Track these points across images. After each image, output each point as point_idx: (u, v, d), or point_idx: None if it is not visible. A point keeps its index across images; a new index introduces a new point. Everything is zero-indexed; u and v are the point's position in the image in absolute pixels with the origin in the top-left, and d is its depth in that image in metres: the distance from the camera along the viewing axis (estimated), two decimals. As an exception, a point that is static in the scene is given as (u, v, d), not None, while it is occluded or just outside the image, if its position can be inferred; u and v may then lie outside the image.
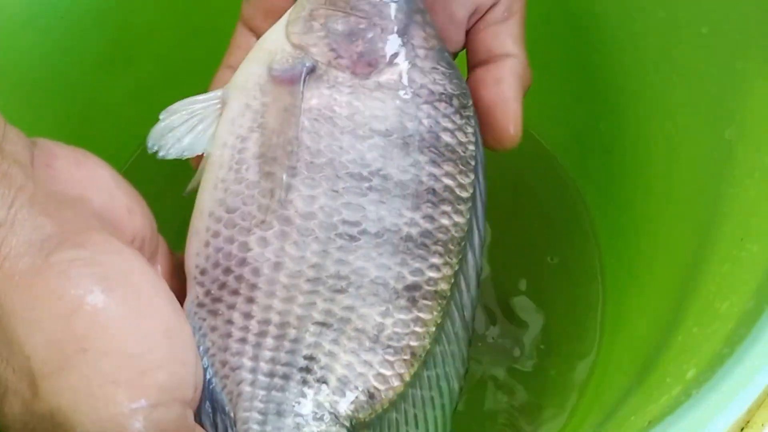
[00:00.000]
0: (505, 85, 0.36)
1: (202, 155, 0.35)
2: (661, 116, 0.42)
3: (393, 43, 0.34)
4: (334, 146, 0.33)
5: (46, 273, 0.27)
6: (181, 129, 0.34)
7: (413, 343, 0.34)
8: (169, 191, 0.40)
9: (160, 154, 0.34)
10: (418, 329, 0.34)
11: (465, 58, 0.39)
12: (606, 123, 0.48)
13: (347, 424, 0.34)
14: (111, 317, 0.28)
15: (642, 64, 0.43)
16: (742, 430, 0.31)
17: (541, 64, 0.50)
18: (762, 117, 0.34)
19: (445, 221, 0.34)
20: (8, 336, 0.26)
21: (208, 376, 0.33)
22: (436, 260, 0.34)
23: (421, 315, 0.34)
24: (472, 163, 0.35)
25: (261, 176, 0.33)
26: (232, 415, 0.33)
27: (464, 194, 0.35)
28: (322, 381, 0.33)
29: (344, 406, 0.34)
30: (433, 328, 0.34)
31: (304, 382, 0.33)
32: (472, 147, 0.35)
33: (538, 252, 0.51)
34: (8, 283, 0.26)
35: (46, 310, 0.26)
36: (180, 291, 0.34)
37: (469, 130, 0.35)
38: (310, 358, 0.33)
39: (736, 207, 0.34)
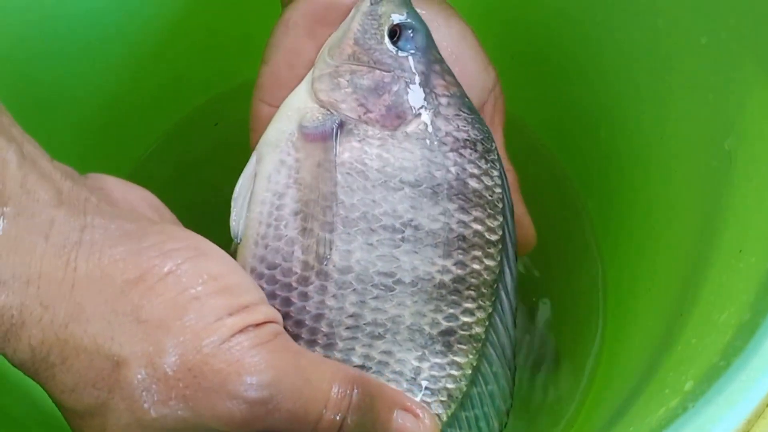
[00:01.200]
0: (517, 203, 0.38)
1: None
2: (661, 125, 0.42)
3: (417, 94, 0.35)
4: (367, 200, 0.34)
5: (145, 254, 0.29)
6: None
7: (450, 386, 0.35)
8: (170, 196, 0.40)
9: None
10: (454, 372, 0.35)
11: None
12: (606, 131, 0.48)
13: None
14: (210, 270, 0.30)
15: (643, 72, 0.43)
16: (742, 441, 0.32)
17: (545, 72, 0.50)
18: (760, 127, 0.34)
19: (476, 266, 0.35)
20: (117, 309, 0.28)
21: None
22: (469, 305, 0.35)
23: (456, 359, 0.35)
24: (500, 205, 0.36)
25: (299, 232, 0.34)
26: None
27: (494, 237, 0.35)
28: None
29: None
30: (469, 371, 0.35)
31: None
32: (498, 190, 0.36)
33: (540, 262, 0.51)
34: (113, 268, 0.28)
35: (154, 278, 0.29)
36: None
37: (495, 173, 0.36)
38: None
39: (734, 217, 0.34)
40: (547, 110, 0.52)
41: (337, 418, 0.30)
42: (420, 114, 0.35)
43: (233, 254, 0.35)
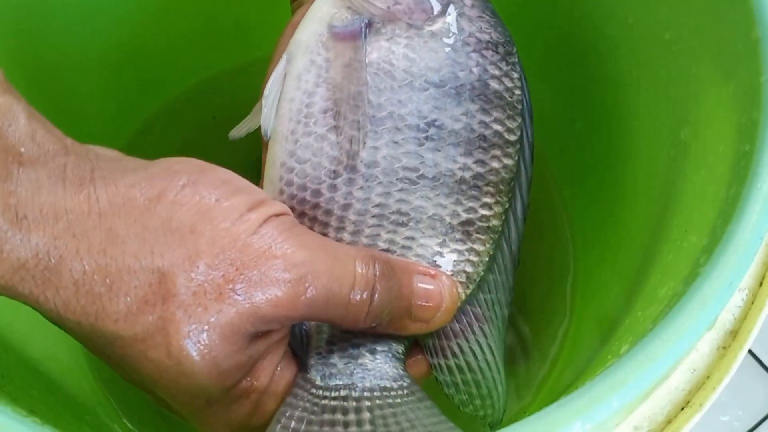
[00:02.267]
0: None
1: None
2: (628, 116, 0.45)
3: None
4: (394, 100, 0.36)
5: (156, 176, 0.31)
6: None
7: (468, 269, 0.37)
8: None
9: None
10: (472, 258, 0.37)
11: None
12: (581, 122, 0.51)
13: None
14: (220, 177, 0.32)
15: (614, 67, 0.46)
16: (682, 409, 0.35)
17: (525, 66, 0.53)
18: (712, 119, 0.36)
19: (495, 164, 0.37)
20: (147, 225, 0.30)
21: None
22: (488, 200, 0.37)
23: (475, 246, 0.37)
24: (519, 107, 0.37)
25: (328, 129, 0.36)
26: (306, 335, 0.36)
27: (512, 137, 0.37)
28: None
29: None
30: (486, 258, 0.37)
31: None
32: (518, 92, 0.37)
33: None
34: (132, 191, 0.30)
35: (173, 192, 0.31)
36: None
37: (515, 75, 0.37)
38: None
39: (684, 201, 0.37)
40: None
41: (366, 295, 0.33)
42: (445, 13, 0.36)
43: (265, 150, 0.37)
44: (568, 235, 0.53)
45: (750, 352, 0.76)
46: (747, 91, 0.33)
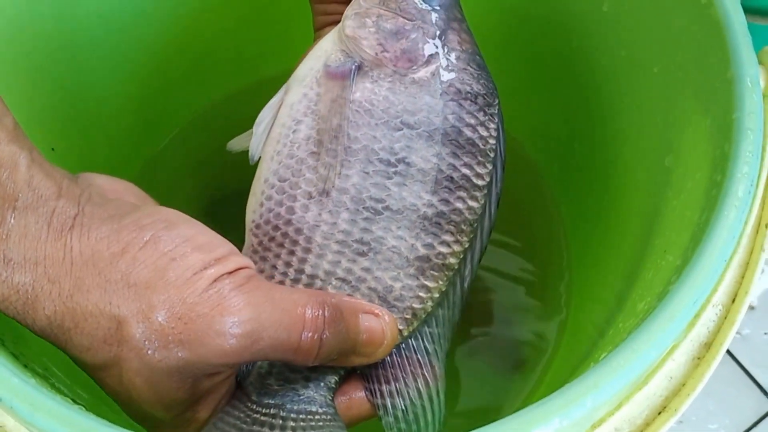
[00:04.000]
0: None
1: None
2: (620, 142, 0.48)
3: (432, 45, 0.40)
4: (369, 135, 0.39)
5: (125, 230, 0.34)
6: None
7: (416, 306, 0.40)
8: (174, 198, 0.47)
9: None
10: (421, 294, 0.39)
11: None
12: (579, 143, 0.54)
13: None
14: (183, 234, 0.35)
15: (608, 94, 0.49)
16: (659, 413, 0.38)
17: (531, 91, 0.57)
18: (691, 149, 0.40)
19: (459, 205, 0.39)
20: (110, 278, 0.33)
21: None
22: (447, 237, 0.39)
23: (427, 283, 0.39)
24: (491, 155, 0.40)
25: (308, 154, 0.39)
26: None
27: (480, 182, 0.40)
28: None
29: None
30: (437, 295, 0.40)
31: None
32: (492, 141, 0.40)
33: (516, 252, 0.58)
34: (100, 244, 0.33)
35: (135, 248, 0.34)
36: None
37: (491, 126, 0.40)
38: None
39: (665, 223, 0.40)
40: (533, 125, 0.59)
41: (315, 337, 0.35)
42: (430, 63, 0.39)
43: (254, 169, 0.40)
44: (564, 249, 0.56)
45: (739, 364, 0.79)
46: (721, 125, 0.37)
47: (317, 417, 0.39)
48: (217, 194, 0.62)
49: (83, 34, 0.53)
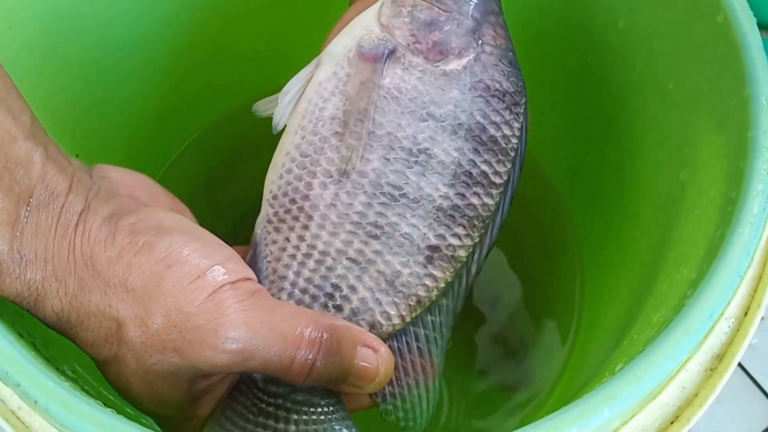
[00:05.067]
0: None
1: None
2: (634, 154, 0.49)
3: (465, 38, 0.40)
4: (395, 123, 0.39)
5: (120, 234, 0.35)
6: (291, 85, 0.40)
7: (421, 293, 0.40)
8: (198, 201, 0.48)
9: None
10: (428, 282, 0.40)
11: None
12: (593, 156, 0.55)
13: None
14: (177, 240, 0.35)
15: (623, 108, 0.50)
16: (672, 423, 0.39)
17: (548, 107, 0.57)
18: (706, 165, 0.41)
19: (474, 200, 0.40)
20: (109, 281, 0.34)
21: (261, 278, 0.40)
22: (459, 231, 0.40)
23: (434, 272, 0.40)
24: (512, 154, 0.40)
25: (332, 134, 0.39)
26: None
27: (498, 180, 0.40)
28: (339, 309, 0.40)
29: None
30: (443, 285, 0.40)
31: (325, 306, 0.40)
32: (515, 140, 0.40)
33: (531, 260, 0.59)
34: (97, 247, 0.34)
35: (130, 253, 0.34)
36: None
37: (516, 125, 0.40)
38: (336, 287, 0.40)
39: (679, 237, 0.41)
40: (549, 139, 0.60)
41: (308, 359, 0.36)
42: (462, 56, 0.39)
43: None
44: (577, 260, 0.57)
45: (748, 374, 0.80)
46: (737, 142, 0.37)
47: (320, 409, 0.39)
48: (232, 197, 0.64)
49: (110, 38, 0.54)
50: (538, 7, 0.53)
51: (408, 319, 0.40)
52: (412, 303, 0.40)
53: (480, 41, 0.40)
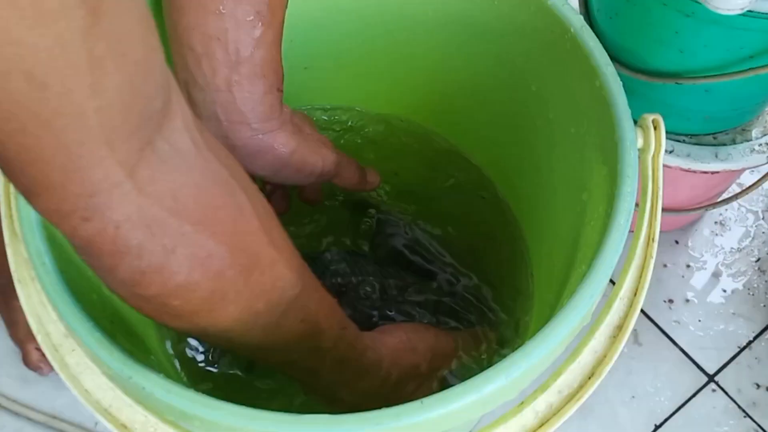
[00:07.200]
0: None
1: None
2: (555, 181, 0.63)
3: None
4: None
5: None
6: None
7: None
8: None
9: None
10: None
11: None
12: (530, 178, 0.70)
13: None
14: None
15: (545, 147, 0.64)
16: (589, 378, 0.53)
17: (496, 144, 0.72)
18: (598, 187, 0.54)
19: None
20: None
21: None
22: None
23: None
24: None
25: None
26: None
27: None
28: None
29: None
30: None
31: None
32: None
33: (482, 263, 0.73)
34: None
35: None
36: None
37: None
38: None
39: (582, 242, 0.56)
40: (495, 154, 0.74)
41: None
42: None
43: None
44: (527, 259, 0.72)
45: (678, 347, 0.94)
46: (612, 172, 0.52)
47: None
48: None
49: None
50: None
51: None
52: None
53: None
